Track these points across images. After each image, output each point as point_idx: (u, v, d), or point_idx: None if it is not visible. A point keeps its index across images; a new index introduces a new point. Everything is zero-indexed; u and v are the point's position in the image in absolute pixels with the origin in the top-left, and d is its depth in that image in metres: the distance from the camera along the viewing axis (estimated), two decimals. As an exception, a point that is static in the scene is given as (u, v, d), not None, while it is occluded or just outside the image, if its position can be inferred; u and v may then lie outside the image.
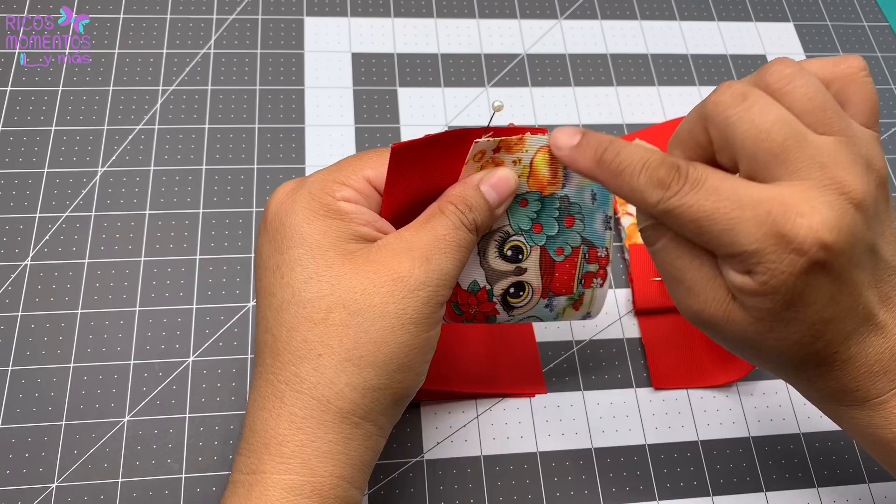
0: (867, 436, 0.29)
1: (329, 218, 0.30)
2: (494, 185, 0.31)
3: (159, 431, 0.39)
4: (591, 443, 0.42)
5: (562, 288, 0.35)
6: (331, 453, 0.28)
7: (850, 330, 0.27)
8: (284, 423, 0.28)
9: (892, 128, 0.54)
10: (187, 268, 0.44)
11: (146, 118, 0.48)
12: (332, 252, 0.29)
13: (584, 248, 0.35)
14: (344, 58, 0.52)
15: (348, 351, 0.28)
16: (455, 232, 0.30)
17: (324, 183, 0.30)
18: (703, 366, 0.44)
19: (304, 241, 0.29)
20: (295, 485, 0.28)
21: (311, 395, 0.28)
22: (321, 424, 0.28)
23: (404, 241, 0.30)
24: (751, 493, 0.41)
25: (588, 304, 0.37)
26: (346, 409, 0.28)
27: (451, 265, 0.29)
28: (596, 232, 0.35)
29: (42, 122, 0.47)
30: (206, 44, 0.51)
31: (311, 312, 0.29)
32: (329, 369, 0.28)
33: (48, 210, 0.44)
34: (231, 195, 0.46)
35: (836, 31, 0.58)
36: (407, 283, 0.28)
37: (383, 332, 0.28)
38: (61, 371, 0.40)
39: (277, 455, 0.28)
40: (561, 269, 0.35)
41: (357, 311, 0.28)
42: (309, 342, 0.28)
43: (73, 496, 0.38)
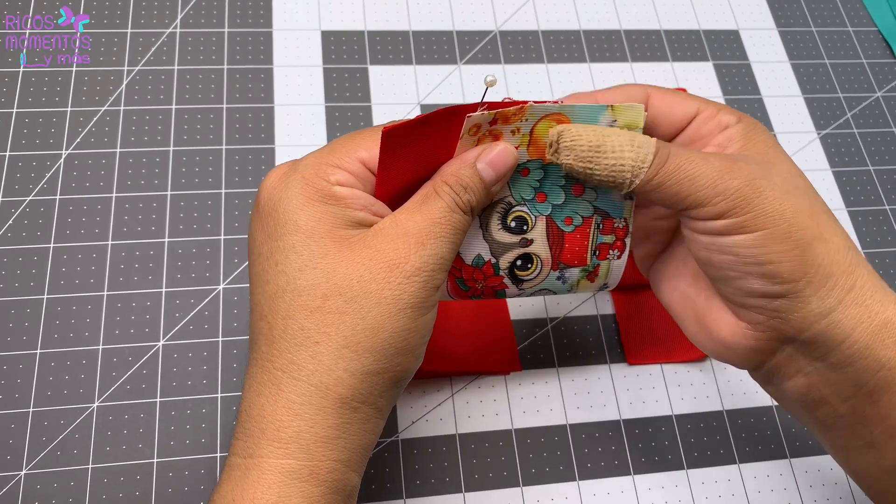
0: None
1: (324, 203, 0.29)
2: (491, 161, 0.30)
3: (130, 416, 0.39)
4: (565, 419, 0.42)
5: (574, 259, 0.34)
6: (329, 438, 0.28)
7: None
8: (282, 408, 0.28)
9: (863, 101, 0.55)
10: (156, 251, 0.43)
11: (111, 99, 0.47)
12: (327, 239, 0.29)
13: (598, 218, 0.34)
14: (313, 35, 0.51)
15: (346, 338, 0.28)
16: (450, 214, 0.30)
17: (317, 167, 0.30)
18: (676, 341, 0.44)
19: (299, 227, 0.29)
20: (293, 469, 0.28)
21: (310, 382, 0.28)
22: (320, 410, 0.28)
23: (399, 225, 0.29)
24: (724, 465, 0.41)
25: (604, 275, 0.35)
26: (346, 395, 0.28)
27: (445, 249, 0.29)
28: (611, 201, 0.34)
29: (3, 104, 0.46)
30: (171, 23, 0.50)
31: (307, 300, 0.28)
32: (327, 356, 0.28)
33: (11, 194, 0.43)
34: (199, 177, 0.45)
35: (808, 7, 0.58)
36: (403, 268, 0.28)
37: (380, 318, 0.28)
38: (28, 357, 0.40)
39: (275, 440, 0.28)
40: (571, 239, 0.34)
41: (353, 297, 0.28)
42: (305, 330, 0.28)
43: (43, 483, 0.37)
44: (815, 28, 0.57)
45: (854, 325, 0.29)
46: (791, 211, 0.29)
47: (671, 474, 0.41)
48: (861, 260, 0.31)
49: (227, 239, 0.44)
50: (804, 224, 0.29)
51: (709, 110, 0.33)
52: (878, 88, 0.55)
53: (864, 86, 0.55)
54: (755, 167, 0.30)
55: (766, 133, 0.33)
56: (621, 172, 0.30)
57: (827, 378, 0.31)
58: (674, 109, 0.33)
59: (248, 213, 0.45)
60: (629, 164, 0.30)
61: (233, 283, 0.43)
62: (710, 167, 0.30)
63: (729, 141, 0.32)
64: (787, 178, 0.31)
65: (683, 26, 0.55)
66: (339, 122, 0.48)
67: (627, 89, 0.34)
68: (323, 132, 0.48)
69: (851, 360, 0.30)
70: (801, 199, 0.30)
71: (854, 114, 0.54)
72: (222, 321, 0.42)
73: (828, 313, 0.29)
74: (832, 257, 0.30)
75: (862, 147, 0.53)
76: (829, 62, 0.56)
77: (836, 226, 0.31)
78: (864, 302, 0.29)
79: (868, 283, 0.30)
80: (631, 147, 0.30)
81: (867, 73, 0.56)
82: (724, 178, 0.29)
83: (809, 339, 0.30)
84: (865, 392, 0.30)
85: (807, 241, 0.29)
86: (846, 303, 0.29)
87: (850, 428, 0.31)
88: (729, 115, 0.33)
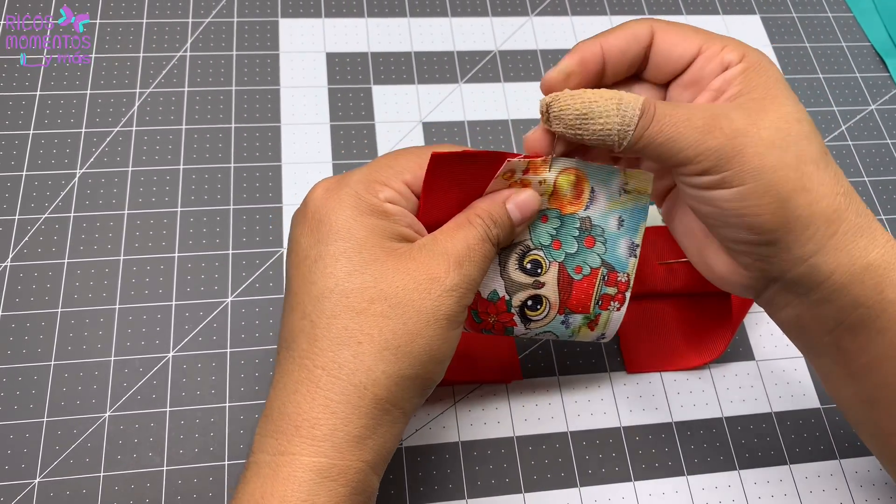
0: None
1: (375, 217, 0.31)
2: (520, 204, 0.33)
3: (140, 426, 0.40)
4: (566, 426, 0.42)
5: (578, 306, 0.36)
6: (360, 438, 0.29)
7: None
8: (319, 406, 0.29)
9: (857, 114, 0.56)
10: (166, 265, 0.44)
11: (124, 120, 0.49)
12: (377, 248, 0.30)
13: (604, 270, 0.35)
14: (319, 58, 0.53)
15: (387, 340, 0.29)
16: (482, 244, 0.32)
17: (368, 183, 0.32)
18: (675, 349, 0.45)
19: (351, 235, 0.31)
20: (323, 467, 0.28)
21: (349, 381, 0.29)
22: (355, 409, 0.29)
23: (440, 244, 0.31)
24: (725, 471, 0.42)
25: (603, 325, 0.37)
26: (381, 396, 0.29)
27: (477, 273, 0.32)
28: (618, 256, 0.35)
29: (20, 126, 0.48)
30: (182, 47, 0.52)
31: (354, 302, 0.30)
32: (368, 357, 0.29)
33: (28, 212, 0.45)
34: (209, 193, 0.47)
35: (802, 23, 0.59)
36: (443, 283, 0.30)
37: (419, 326, 0.30)
38: (42, 369, 0.41)
39: (309, 437, 0.29)
40: (579, 287, 0.35)
41: (397, 304, 0.30)
42: (349, 330, 0.29)
43: (56, 491, 0.38)
44: (809, 43, 0.58)
45: (833, 269, 0.31)
46: (771, 166, 0.30)
47: (671, 481, 0.41)
48: (851, 203, 0.31)
49: (234, 253, 0.45)
50: (786, 177, 0.30)
51: (713, 48, 0.33)
52: (872, 101, 0.56)
53: (859, 99, 0.56)
54: (740, 121, 0.30)
55: (767, 73, 0.32)
56: (609, 135, 0.31)
57: (811, 312, 0.32)
58: (675, 48, 0.33)
59: (255, 228, 0.46)
60: (615, 128, 0.31)
61: (240, 296, 0.44)
62: (692, 128, 0.30)
63: (727, 84, 0.32)
64: (778, 128, 0.31)
65: (679, 44, 0.57)
66: (344, 141, 0.50)
67: (632, 25, 0.34)
68: (328, 150, 0.49)
69: (831, 298, 0.31)
70: (786, 152, 0.30)
71: (849, 126, 0.55)
72: (230, 333, 0.43)
73: (808, 258, 0.31)
74: (813, 207, 0.30)
75: (857, 159, 0.54)
76: (823, 76, 0.57)
77: (824, 173, 0.31)
78: (846, 247, 0.31)
79: (854, 228, 0.31)
80: (617, 111, 0.31)
81: (861, 87, 0.57)
82: (704, 138, 0.30)
83: (792, 279, 0.32)
84: (845, 327, 0.32)
85: (787, 194, 0.30)
86: (827, 248, 0.31)
87: (833, 357, 0.33)
88: (732, 53, 0.33)
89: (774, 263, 0.32)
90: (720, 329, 0.44)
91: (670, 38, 0.34)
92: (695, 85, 0.34)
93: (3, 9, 0.51)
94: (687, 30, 0.34)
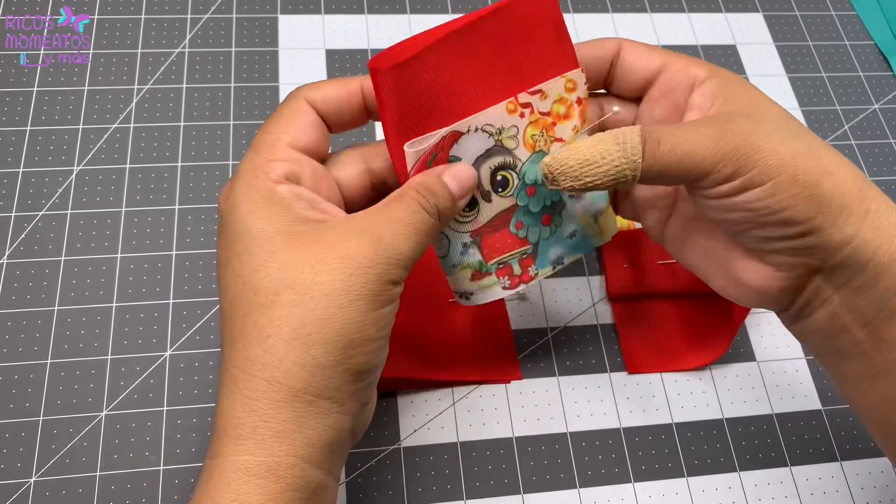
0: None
1: (270, 204, 0.30)
2: (455, 175, 0.32)
3: (137, 425, 0.40)
4: (566, 427, 0.42)
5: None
6: (285, 433, 0.28)
7: None
8: (238, 405, 0.28)
9: (860, 113, 0.55)
10: (163, 264, 0.44)
11: (121, 117, 0.48)
12: (277, 238, 0.29)
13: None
14: (318, 54, 0.52)
15: (295, 329, 0.28)
16: (412, 214, 0.30)
17: (254, 169, 0.31)
18: (676, 350, 0.44)
19: (249, 231, 0.30)
20: (250, 465, 0.28)
21: (262, 377, 0.28)
22: (273, 404, 0.28)
23: (356, 222, 0.30)
24: (725, 473, 0.42)
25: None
26: (298, 388, 0.28)
27: (405, 245, 0.30)
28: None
29: (17, 122, 0.47)
30: (180, 43, 0.51)
31: (262, 297, 0.29)
32: (278, 349, 0.28)
33: (24, 209, 0.45)
34: (206, 191, 0.47)
35: (805, 21, 0.59)
36: (354, 259, 0.29)
37: (331, 309, 0.28)
38: (38, 367, 0.41)
39: (234, 437, 0.28)
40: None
41: (304, 290, 0.29)
42: (260, 325, 0.29)
43: (52, 490, 0.38)
44: (812, 42, 0.58)
45: (876, 248, 0.30)
46: (790, 155, 0.30)
47: (671, 482, 0.41)
48: (871, 185, 0.31)
49: (233, 251, 0.45)
50: (806, 164, 0.30)
51: (678, 63, 0.34)
52: (876, 101, 0.56)
53: (862, 98, 0.56)
54: (745, 123, 0.30)
55: (743, 84, 0.33)
56: (620, 172, 0.30)
57: (849, 304, 0.31)
58: (638, 59, 0.35)
59: (253, 226, 0.46)
60: (623, 163, 0.30)
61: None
62: (704, 137, 0.30)
63: (709, 99, 0.33)
64: (779, 125, 0.31)
65: (681, 41, 0.56)
66: (343, 137, 0.49)
67: (601, 41, 0.35)
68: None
69: (875, 280, 0.30)
70: (797, 142, 0.30)
71: (852, 126, 0.55)
72: (228, 332, 0.43)
73: (850, 240, 0.30)
74: (841, 188, 0.30)
75: (860, 158, 0.53)
76: (827, 75, 0.57)
77: (837, 157, 0.31)
78: (881, 225, 0.30)
79: (882, 207, 0.31)
80: (617, 147, 0.30)
81: (864, 86, 0.56)
82: (719, 144, 0.30)
83: (835, 265, 0.31)
84: (885, 314, 0.31)
85: (813, 180, 0.30)
86: (864, 228, 0.30)
87: (866, 355, 0.32)
88: (699, 69, 0.33)
89: (816, 253, 0.31)
90: (721, 330, 0.44)
91: (635, 50, 0.35)
92: (665, 97, 0.34)
93: (2, 8, 0.51)
94: (651, 46, 0.35)
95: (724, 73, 0.34)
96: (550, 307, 0.45)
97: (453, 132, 0.32)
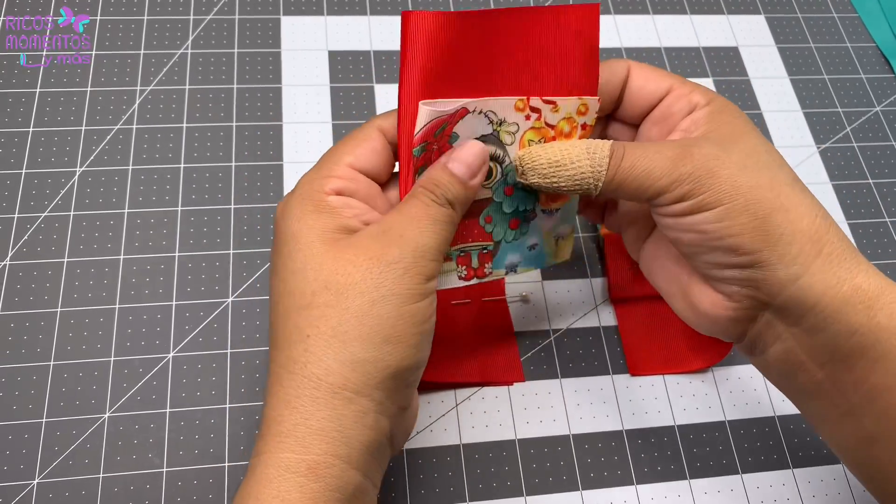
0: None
1: (317, 213, 0.31)
2: (458, 157, 0.32)
3: (140, 427, 0.40)
4: (568, 429, 0.42)
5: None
6: (323, 430, 0.29)
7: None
8: (281, 403, 0.29)
9: (862, 116, 0.55)
10: (166, 265, 0.44)
11: (124, 118, 0.48)
12: (316, 243, 0.31)
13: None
14: (321, 55, 0.52)
15: (333, 328, 0.29)
16: (426, 208, 0.31)
17: (311, 181, 0.32)
18: (678, 352, 0.44)
19: (293, 237, 0.31)
20: (290, 462, 0.28)
21: (303, 375, 0.29)
22: (313, 402, 0.29)
23: (380, 225, 0.31)
24: (727, 475, 0.42)
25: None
26: (337, 384, 0.29)
27: (426, 238, 0.31)
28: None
29: (20, 124, 0.47)
30: (183, 44, 0.51)
31: (299, 299, 0.30)
32: (317, 348, 0.29)
33: (27, 210, 0.45)
34: (209, 192, 0.47)
35: (807, 23, 0.59)
36: (382, 258, 0.30)
37: (364, 307, 0.29)
38: (41, 369, 0.41)
39: (276, 434, 0.29)
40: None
41: (339, 291, 0.30)
42: (299, 326, 0.30)
43: (55, 492, 0.38)
44: (814, 44, 0.58)
45: (823, 290, 0.30)
46: (747, 186, 0.31)
47: (674, 484, 0.41)
48: (831, 227, 0.31)
49: (235, 253, 0.45)
50: (762, 196, 0.31)
51: (682, 89, 0.35)
52: (878, 103, 0.56)
53: (864, 100, 0.56)
54: (711, 149, 0.31)
55: (733, 113, 0.34)
56: (584, 179, 0.32)
57: (803, 343, 0.32)
58: (647, 83, 0.35)
59: (256, 227, 0.46)
60: (588, 171, 0.32)
61: (241, 296, 0.44)
62: (663, 157, 0.31)
63: (694, 125, 0.34)
64: (748, 155, 0.32)
65: (683, 43, 0.56)
66: (346, 139, 0.49)
67: (610, 62, 0.36)
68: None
69: (824, 324, 0.31)
70: (759, 174, 0.31)
71: (853, 128, 0.55)
72: (231, 333, 0.43)
73: (795, 279, 0.30)
74: (795, 226, 0.30)
75: (861, 160, 0.53)
76: (828, 77, 0.57)
77: (801, 196, 0.32)
78: (832, 268, 0.30)
79: (837, 251, 0.31)
80: (587, 155, 0.32)
81: (866, 88, 0.56)
82: (677, 166, 0.31)
83: (782, 304, 0.31)
84: (840, 357, 0.31)
85: (765, 213, 0.30)
86: (814, 269, 0.30)
87: (828, 396, 0.32)
88: (700, 97, 0.34)
89: (762, 287, 0.31)
90: (724, 332, 0.44)
91: (644, 74, 0.35)
92: (664, 121, 0.35)
93: (3, 9, 0.51)
94: (659, 70, 0.36)
95: (720, 102, 0.34)
96: (553, 309, 0.46)
97: (464, 108, 0.32)
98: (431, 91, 0.31)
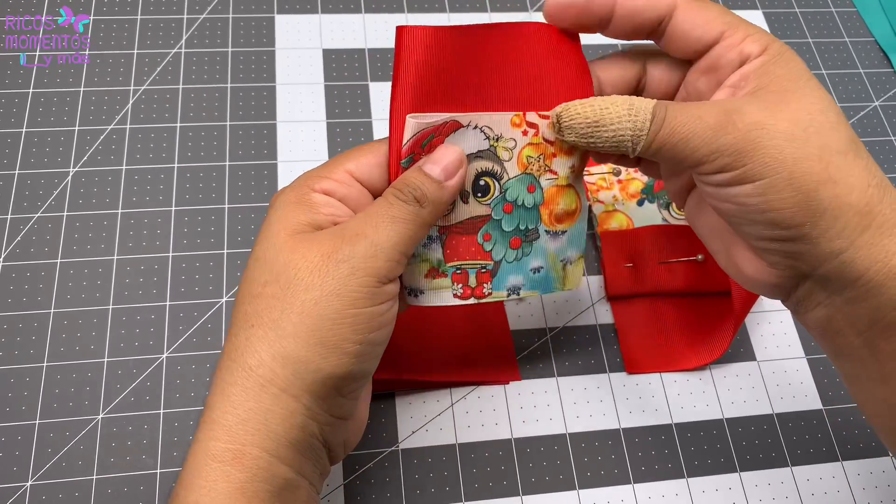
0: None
1: (296, 205, 0.31)
2: (431, 158, 0.32)
3: (133, 428, 0.40)
4: (565, 428, 0.42)
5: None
6: (250, 421, 0.28)
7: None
8: (218, 390, 0.29)
9: (861, 111, 0.55)
10: (160, 265, 0.44)
11: (118, 118, 0.48)
12: (282, 234, 0.31)
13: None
14: (315, 54, 0.52)
15: (275, 321, 0.29)
16: (387, 207, 0.31)
17: (306, 178, 0.32)
18: (675, 350, 0.44)
19: (267, 226, 0.31)
20: (217, 451, 0.28)
21: (239, 364, 0.29)
22: (243, 391, 0.29)
23: (343, 224, 0.31)
24: (725, 473, 0.41)
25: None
26: (266, 378, 0.29)
27: (381, 236, 0.30)
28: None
29: (13, 124, 0.47)
30: (177, 43, 0.51)
31: (252, 287, 0.30)
32: (256, 338, 0.29)
33: (20, 211, 0.44)
34: (203, 192, 0.46)
35: (805, 18, 0.59)
36: (333, 257, 0.29)
37: (307, 304, 0.29)
38: (34, 370, 0.40)
39: (208, 421, 0.29)
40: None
41: (287, 284, 0.29)
42: (247, 315, 0.30)
43: (48, 494, 0.38)
44: (812, 39, 0.58)
45: (868, 265, 0.29)
46: (792, 158, 0.29)
47: (671, 483, 0.41)
48: (885, 196, 0.30)
49: (229, 253, 0.45)
50: (808, 169, 0.29)
51: (735, 36, 0.31)
52: (876, 98, 0.56)
53: (862, 95, 0.55)
54: (756, 115, 0.29)
55: (787, 65, 0.31)
56: (622, 142, 0.30)
57: (843, 311, 0.31)
58: (694, 29, 0.32)
59: (250, 227, 0.46)
60: (628, 134, 0.30)
61: (235, 296, 0.43)
62: (704, 125, 0.29)
63: (744, 80, 0.31)
64: (798, 119, 0.29)
65: (680, 39, 0.56)
66: (341, 138, 0.49)
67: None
68: (324, 148, 0.49)
69: (866, 296, 0.30)
70: (807, 143, 0.29)
71: (852, 123, 0.54)
72: (225, 333, 0.42)
73: (839, 253, 0.29)
74: (842, 199, 0.29)
75: (860, 156, 0.53)
76: (827, 72, 0.56)
77: (853, 165, 0.29)
78: (881, 242, 0.29)
79: (888, 223, 0.29)
80: (629, 116, 0.30)
81: (865, 83, 0.56)
82: (717, 135, 0.29)
83: (823, 275, 0.30)
84: (880, 328, 0.30)
85: (811, 187, 0.29)
86: (860, 243, 0.29)
87: (864, 360, 0.31)
88: (753, 45, 0.31)
89: (803, 260, 0.30)
90: (721, 329, 0.44)
91: (692, 17, 0.32)
92: (712, 72, 0.32)
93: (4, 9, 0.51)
94: (712, 11, 0.32)
95: (775, 51, 0.31)
96: (549, 307, 0.45)
97: (455, 121, 0.32)
98: (423, 104, 0.31)
